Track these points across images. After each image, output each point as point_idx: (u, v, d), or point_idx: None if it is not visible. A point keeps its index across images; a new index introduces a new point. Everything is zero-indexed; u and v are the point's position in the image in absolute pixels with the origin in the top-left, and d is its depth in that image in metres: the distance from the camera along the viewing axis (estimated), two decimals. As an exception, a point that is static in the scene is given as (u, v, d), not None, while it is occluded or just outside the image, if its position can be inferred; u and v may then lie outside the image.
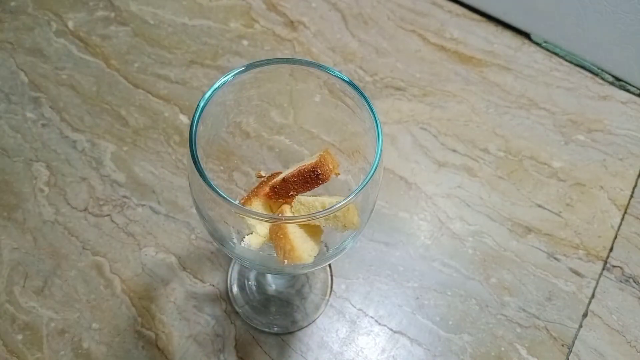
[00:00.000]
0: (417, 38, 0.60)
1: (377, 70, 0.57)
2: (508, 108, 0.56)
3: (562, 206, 0.50)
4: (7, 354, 0.41)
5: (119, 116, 0.53)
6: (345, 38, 0.60)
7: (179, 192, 0.49)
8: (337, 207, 0.28)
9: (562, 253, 0.48)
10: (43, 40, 0.58)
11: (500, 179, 0.51)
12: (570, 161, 0.53)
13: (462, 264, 0.47)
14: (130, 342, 0.42)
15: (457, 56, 0.59)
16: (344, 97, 0.34)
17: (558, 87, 0.58)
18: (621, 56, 0.56)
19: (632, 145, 0.54)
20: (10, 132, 0.51)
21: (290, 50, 0.58)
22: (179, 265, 0.45)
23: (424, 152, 0.53)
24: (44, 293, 0.44)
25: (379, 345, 0.43)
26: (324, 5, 0.62)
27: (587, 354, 0.43)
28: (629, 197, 0.51)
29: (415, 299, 0.45)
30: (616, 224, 0.49)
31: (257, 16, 0.61)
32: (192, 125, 0.30)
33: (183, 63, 0.57)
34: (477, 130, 0.54)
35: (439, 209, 0.50)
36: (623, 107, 0.56)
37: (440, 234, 0.48)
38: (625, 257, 0.48)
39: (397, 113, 0.55)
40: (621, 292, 0.46)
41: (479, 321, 0.44)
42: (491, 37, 0.61)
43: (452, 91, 0.57)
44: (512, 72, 0.58)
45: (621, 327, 0.44)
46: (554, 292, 0.46)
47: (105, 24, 0.59)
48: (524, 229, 0.49)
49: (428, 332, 0.44)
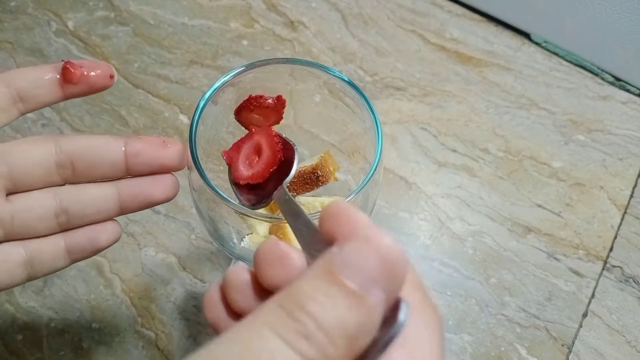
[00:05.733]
0: (417, 38, 0.60)
1: (377, 70, 0.57)
2: (508, 108, 0.56)
3: (562, 206, 0.50)
4: (7, 354, 0.41)
5: (118, 116, 0.53)
6: (345, 38, 0.60)
7: (179, 192, 0.49)
8: (337, 207, 0.28)
9: (562, 253, 0.48)
10: (43, 40, 0.58)
11: (500, 179, 0.51)
12: (570, 161, 0.53)
13: (462, 264, 0.47)
14: (130, 342, 0.42)
15: (457, 56, 0.59)
16: (344, 97, 0.34)
17: (558, 87, 0.58)
18: (621, 56, 0.56)
19: (632, 145, 0.54)
20: (10, 132, 0.51)
21: (290, 50, 0.58)
22: (179, 265, 0.45)
23: (424, 152, 0.53)
24: (43, 293, 0.44)
25: (379, 345, 0.43)
26: (324, 5, 0.62)
27: (587, 354, 0.43)
28: (629, 197, 0.51)
29: (415, 299, 0.45)
30: (616, 224, 0.49)
31: (257, 16, 0.61)
32: (192, 125, 0.30)
33: (183, 63, 0.57)
34: (477, 130, 0.54)
35: (439, 209, 0.50)
36: (623, 107, 0.56)
37: (440, 234, 0.48)
38: (625, 257, 0.48)
39: (397, 113, 0.55)
40: (621, 292, 0.46)
41: (479, 321, 0.44)
42: (491, 37, 0.61)
43: (452, 91, 0.57)
44: (512, 72, 0.58)
45: (621, 327, 0.44)
46: (554, 292, 0.46)
47: (105, 24, 0.59)
48: (524, 229, 0.49)
49: (428, 332, 0.44)
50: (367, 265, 0.15)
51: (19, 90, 0.26)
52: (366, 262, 0.15)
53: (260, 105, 0.30)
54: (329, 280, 0.15)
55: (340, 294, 0.15)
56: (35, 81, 0.26)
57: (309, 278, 0.15)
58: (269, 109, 0.30)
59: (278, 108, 0.30)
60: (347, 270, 0.15)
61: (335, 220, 0.17)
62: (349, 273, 0.15)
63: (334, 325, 0.14)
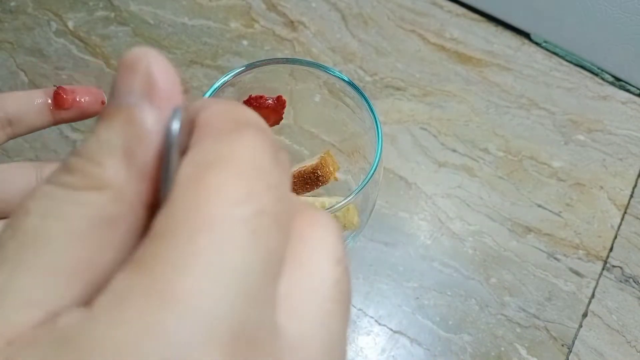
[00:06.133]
0: (417, 38, 0.60)
1: (377, 70, 0.57)
2: (508, 108, 0.56)
3: (562, 206, 0.50)
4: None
5: (119, 116, 0.53)
6: (345, 38, 0.60)
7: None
8: (337, 207, 0.28)
9: (562, 253, 0.48)
10: (43, 40, 0.58)
11: (500, 179, 0.51)
12: (570, 161, 0.53)
13: (462, 264, 0.47)
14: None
15: (457, 56, 0.59)
16: (344, 97, 0.34)
17: (558, 87, 0.58)
18: (621, 56, 0.56)
19: (632, 145, 0.54)
20: None
21: (290, 50, 0.58)
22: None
23: (424, 152, 0.53)
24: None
25: (378, 345, 0.43)
26: (324, 5, 0.62)
27: (587, 354, 0.43)
28: (629, 197, 0.51)
29: (415, 299, 0.45)
30: (616, 224, 0.49)
31: (257, 16, 0.61)
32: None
33: (183, 63, 0.57)
34: (477, 130, 0.54)
35: (439, 209, 0.50)
36: (623, 107, 0.56)
37: (440, 234, 0.48)
38: (625, 257, 0.48)
39: (397, 113, 0.55)
40: (621, 292, 0.46)
41: (479, 321, 0.44)
42: (491, 37, 0.61)
43: (452, 91, 0.57)
44: (512, 72, 0.58)
45: (621, 327, 0.44)
46: (554, 292, 0.46)
47: (105, 24, 0.59)
48: (524, 229, 0.49)
49: (428, 332, 0.44)
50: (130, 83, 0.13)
51: (7, 114, 0.26)
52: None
53: (260, 106, 0.30)
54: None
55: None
56: (26, 105, 0.26)
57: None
58: (269, 109, 0.30)
59: (278, 108, 0.30)
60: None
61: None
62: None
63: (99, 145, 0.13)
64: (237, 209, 0.11)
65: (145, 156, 0.13)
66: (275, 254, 0.12)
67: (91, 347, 0.09)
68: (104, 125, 0.13)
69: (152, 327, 0.10)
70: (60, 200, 0.12)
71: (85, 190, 0.12)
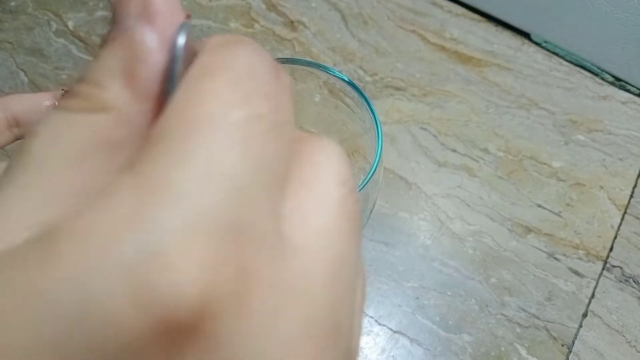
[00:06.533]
0: (417, 38, 0.60)
1: (377, 70, 0.57)
2: (508, 108, 0.56)
3: (562, 206, 0.50)
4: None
5: (119, 116, 0.53)
6: (345, 38, 0.60)
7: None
8: (337, 207, 0.28)
9: (562, 253, 0.48)
10: (43, 40, 0.58)
11: (500, 179, 0.51)
12: (570, 161, 0.53)
13: (462, 264, 0.47)
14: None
15: (457, 56, 0.59)
16: (344, 97, 0.34)
17: (558, 87, 0.58)
18: (621, 56, 0.56)
19: (632, 145, 0.54)
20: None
21: (290, 50, 0.58)
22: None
23: (424, 152, 0.53)
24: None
25: (378, 345, 0.43)
26: (324, 5, 0.62)
27: (587, 354, 0.43)
28: (629, 197, 0.51)
29: (415, 299, 0.45)
30: (616, 224, 0.49)
31: (257, 16, 0.61)
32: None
33: (183, 63, 0.57)
34: (477, 130, 0.54)
35: (439, 209, 0.50)
36: (623, 107, 0.56)
37: (440, 234, 0.48)
38: (625, 257, 0.48)
39: (397, 113, 0.55)
40: (621, 292, 0.46)
41: (479, 321, 0.44)
42: (491, 37, 0.61)
43: (452, 91, 0.57)
44: (512, 72, 0.58)
45: (621, 327, 0.44)
46: (554, 292, 0.46)
47: (105, 24, 0.59)
48: (524, 229, 0.49)
49: (428, 332, 0.44)
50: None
51: (15, 115, 0.26)
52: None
53: None
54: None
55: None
56: (34, 107, 0.27)
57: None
58: None
59: None
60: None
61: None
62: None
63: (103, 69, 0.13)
64: (231, 112, 0.11)
65: (149, 75, 0.12)
66: (270, 163, 0.12)
67: (69, 237, 0.10)
68: (105, 50, 0.13)
69: (135, 215, 0.10)
70: (62, 123, 0.12)
71: (87, 113, 0.12)
